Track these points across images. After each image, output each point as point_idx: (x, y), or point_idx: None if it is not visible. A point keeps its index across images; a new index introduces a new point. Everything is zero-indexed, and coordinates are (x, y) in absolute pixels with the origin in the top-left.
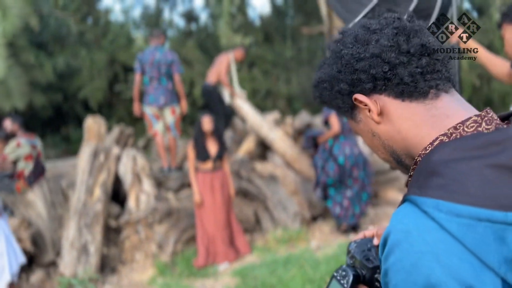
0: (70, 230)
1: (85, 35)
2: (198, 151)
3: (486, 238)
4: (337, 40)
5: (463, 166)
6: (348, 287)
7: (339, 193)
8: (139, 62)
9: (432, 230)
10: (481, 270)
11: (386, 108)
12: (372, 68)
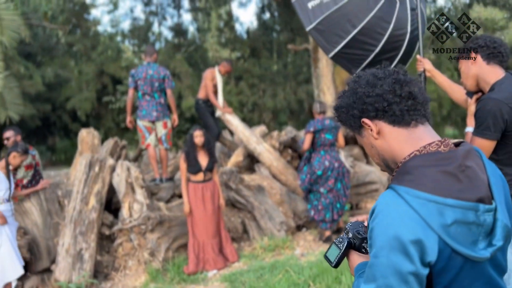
0: (66, 238)
1: (74, 47)
2: (190, 163)
3: (432, 212)
4: (354, 80)
5: (425, 170)
6: (343, 249)
7: (316, 198)
8: (132, 78)
9: (401, 205)
10: (427, 230)
11: (382, 130)
12: (376, 103)
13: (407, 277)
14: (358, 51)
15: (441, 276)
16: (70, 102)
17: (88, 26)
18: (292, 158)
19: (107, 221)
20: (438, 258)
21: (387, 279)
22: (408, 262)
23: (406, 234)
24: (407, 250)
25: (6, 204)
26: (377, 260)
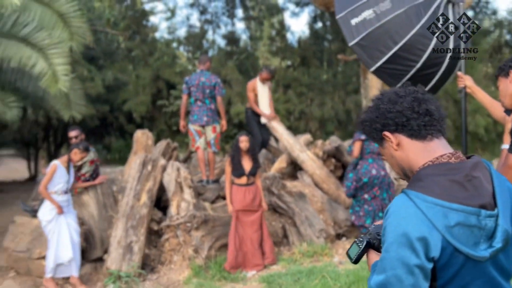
0: (118, 230)
1: (132, 52)
2: (234, 167)
3: (437, 214)
4: (378, 97)
5: (435, 178)
6: (362, 247)
7: (358, 204)
8: (186, 84)
9: (410, 207)
10: (432, 229)
11: (401, 142)
12: (396, 118)
13: (413, 269)
14: (399, 66)
15: (444, 271)
16: (127, 104)
17: (147, 32)
18: (336, 168)
19: (156, 217)
20: (441, 255)
21: (396, 270)
22: (414, 256)
23: (413, 232)
24: (413, 246)
25: (64, 195)
26: (387, 254)
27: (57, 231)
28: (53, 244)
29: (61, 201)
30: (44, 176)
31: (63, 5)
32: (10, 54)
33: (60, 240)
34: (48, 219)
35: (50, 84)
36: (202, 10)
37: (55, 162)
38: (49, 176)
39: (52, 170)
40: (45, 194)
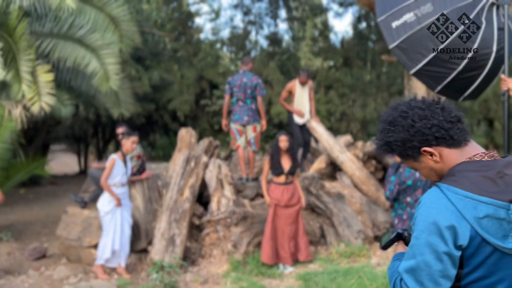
0: (162, 223)
1: (178, 53)
2: (273, 166)
3: (467, 206)
4: (403, 116)
5: (467, 173)
6: (392, 236)
7: (401, 207)
8: (229, 85)
9: (441, 198)
10: (461, 219)
11: (441, 153)
12: (436, 132)
13: (441, 256)
14: (440, 69)
15: (471, 260)
16: (171, 103)
17: (192, 33)
18: (376, 170)
19: (197, 212)
20: (469, 244)
21: (425, 256)
22: (443, 244)
23: (443, 221)
24: (442, 234)
25: (122, 188)
26: (417, 241)
27: (113, 222)
28: (109, 234)
29: (120, 193)
30: (91, 169)
31: (114, 9)
32: (66, 55)
33: (115, 231)
34: (106, 210)
35: (102, 83)
36: (245, 11)
37: (113, 156)
38: (109, 169)
39: (111, 163)
40: (105, 186)
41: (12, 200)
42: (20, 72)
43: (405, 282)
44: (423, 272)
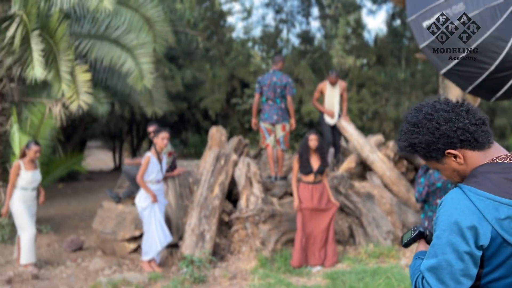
0: (193, 219)
1: (210, 52)
2: (302, 164)
3: (488, 207)
4: (428, 118)
5: (489, 175)
6: (414, 235)
7: (431, 209)
8: (259, 84)
9: (463, 199)
10: (482, 220)
11: (465, 156)
12: (462, 135)
13: (463, 255)
14: (472, 68)
15: (491, 260)
16: (203, 102)
17: (224, 32)
18: (407, 170)
19: (227, 209)
20: (490, 244)
21: (446, 255)
22: (464, 243)
23: (464, 221)
24: (464, 234)
25: (157, 184)
26: (439, 240)
27: (152, 217)
28: (150, 230)
29: (155, 190)
30: (125, 166)
31: (149, 10)
32: (102, 54)
33: (157, 226)
34: (143, 206)
35: (136, 82)
36: (277, 10)
37: (148, 153)
38: (144, 167)
39: (146, 161)
40: (141, 183)
41: (51, 195)
42: (60, 72)
43: (427, 280)
44: (445, 271)
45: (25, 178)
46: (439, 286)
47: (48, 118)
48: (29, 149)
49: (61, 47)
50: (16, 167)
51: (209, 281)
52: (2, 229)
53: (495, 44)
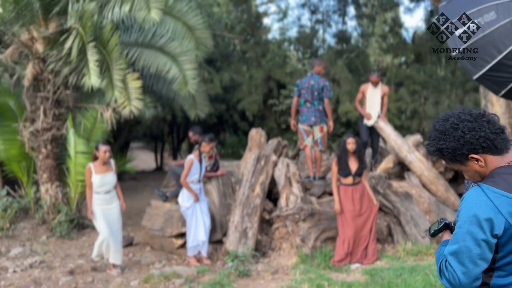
0: (236, 217)
1: (246, 54)
2: (341, 167)
3: (503, 203)
4: (453, 127)
5: (504, 176)
6: (440, 226)
7: None
8: (297, 87)
9: (482, 196)
10: (497, 213)
11: (486, 160)
12: (483, 143)
13: (480, 242)
14: (503, 74)
15: (504, 246)
16: (240, 103)
17: (260, 34)
18: (446, 170)
19: (267, 208)
20: (503, 234)
21: (466, 242)
22: (482, 233)
23: (482, 214)
24: (481, 225)
25: (198, 184)
26: (460, 230)
27: (194, 216)
28: (192, 227)
29: (196, 189)
30: (172, 166)
31: (191, 19)
32: (149, 62)
33: (197, 224)
34: (186, 205)
35: (181, 87)
36: (313, 10)
37: (191, 156)
38: (187, 169)
39: (189, 163)
40: (184, 184)
41: None
42: (113, 80)
43: (450, 263)
44: (465, 255)
45: (95, 182)
46: (460, 267)
47: (100, 122)
48: (98, 151)
49: (114, 57)
50: (88, 171)
51: (252, 275)
52: (60, 226)
53: None
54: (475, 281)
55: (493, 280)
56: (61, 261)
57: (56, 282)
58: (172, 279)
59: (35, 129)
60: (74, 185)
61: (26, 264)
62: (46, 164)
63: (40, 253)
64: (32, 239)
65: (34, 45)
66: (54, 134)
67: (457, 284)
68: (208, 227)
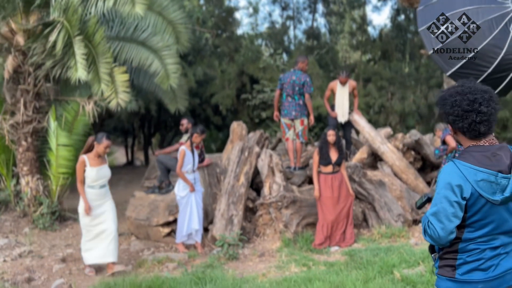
0: (222, 205)
1: (218, 48)
2: (322, 157)
3: (470, 173)
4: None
5: (473, 153)
6: (424, 199)
7: None
8: (280, 81)
9: (454, 168)
10: (466, 181)
11: (459, 137)
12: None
13: (453, 203)
14: (472, 71)
15: (471, 207)
16: (214, 97)
17: (232, 30)
18: (415, 160)
19: (251, 196)
20: (470, 197)
21: (443, 204)
22: (454, 195)
23: (454, 181)
24: (454, 189)
25: (192, 174)
26: (438, 195)
27: (189, 205)
28: (185, 216)
29: (190, 179)
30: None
31: (171, 13)
32: (131, 56)
33: (191, 213)
34: (182, 195)
35: (163, 81)
36: (284, 6)
37: (183, 147)
38: (181, 160)
39: (182, 154)
40: (180, 175)
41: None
42: (99, 73)
43: (431, 222)
44: (442, 214)
45: (90, 175)
46: (438, 224)
47: (81, 115)
48: (100, 143)
49: (100, 50)
50: (81, 163)
51: (241, 258)
52: (42, 218)
53: (492, 50)
54: (450, 234)
55: (464, 235)
56: (49, 250)
57: (50, 270)
58: (166, 263)
59: (15, 122)
60: (55, 178)
61: (15, 254)
62: (26, 157)
63: (26, 244)
64: (14, 231)
65: (15, 38)
66: (35, 127)
67: (436, 238)
68: (201, 217)
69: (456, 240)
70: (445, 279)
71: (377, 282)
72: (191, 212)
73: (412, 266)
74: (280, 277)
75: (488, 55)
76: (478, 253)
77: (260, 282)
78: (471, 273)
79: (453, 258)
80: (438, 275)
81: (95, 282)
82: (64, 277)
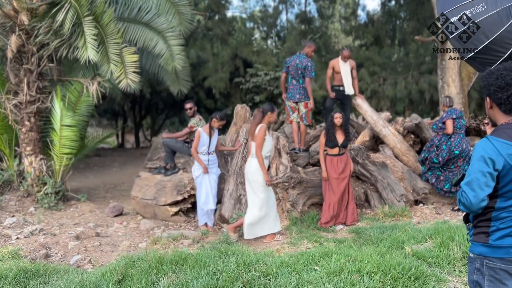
0: (230, 185)
1: (210, 31)
2: (328, 139)
3: (503, 147)
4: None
5: (505, 130)
6: (459, 176)
7: (440, 170)
8: (285, 64)
9: (487, 142)
10: (498, 155)
11: (494, 110)
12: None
13: (485, 174)
14: (489, 56)
15: (503, 178)
16: (207, 81)
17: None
18: (414, 143)
19: None
20: (502, 169)
21: (476, 174)
22: (486, 166)
23: (486, 154)
24: (486, 162)
25: (207, 156)
26: (471, 167)
27: (204, 185)
28: (202, 195)
29: (205, 160)
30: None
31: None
32: (136, 37)
33: (207, 193)
34: (196, 175)
35: (168, 62)
36: None
37: (199, 129)
38: (196, 141)
39: (197, 136)
40: (195, 155)
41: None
42: (108, 54)
43: (464, 190)
44: (474, 183)
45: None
46: (471, 192)
47: (85, 96)
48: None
49: (108, 31)
50: None
51: None
52: (47, 197)
53: (509, 37)
54: (482, 202)
55: (497, 204)
56: (59, 229)
57: (65, 246)
58: (181, 240)
59: (19, 102)
60: (58, 158)
61: (27, 232)
62: (29, 137)
63: (35, 223)
64: (20, 210)
65: (19, 17)
66: (39, 107)
67: (469, 204)
68: (216, 198)
69: (490, 209)
70: (479, 245)
71: (390, 256)
72: (207, 192)
73: (420, 242)
74: (296, 252)
75: (505, 41)
76: (510, 220)
77: (279, 256)
78: (503, 239)
79: (487, 226)
80: (473, 242)
81: (112, 258)
82: (80, 254)
